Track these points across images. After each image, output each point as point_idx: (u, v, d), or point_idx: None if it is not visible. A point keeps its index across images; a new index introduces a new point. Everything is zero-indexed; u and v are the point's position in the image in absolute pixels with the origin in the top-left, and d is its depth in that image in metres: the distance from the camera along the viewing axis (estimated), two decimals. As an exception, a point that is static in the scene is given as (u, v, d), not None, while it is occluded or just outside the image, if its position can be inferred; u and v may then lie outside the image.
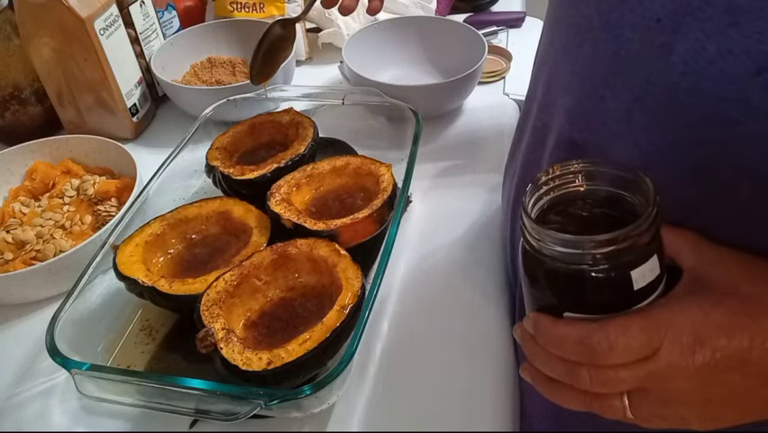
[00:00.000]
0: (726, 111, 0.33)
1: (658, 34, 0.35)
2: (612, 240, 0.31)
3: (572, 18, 0.42)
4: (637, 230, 0.31)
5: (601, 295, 0.34)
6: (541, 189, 0.35)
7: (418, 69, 0.89)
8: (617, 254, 0.31)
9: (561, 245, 0.32)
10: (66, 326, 0.50)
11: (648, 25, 0.35)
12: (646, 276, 0.33)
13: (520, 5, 1.09)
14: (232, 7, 0.95)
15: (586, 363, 0.34)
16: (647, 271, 0.33)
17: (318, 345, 0.46)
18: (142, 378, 0.48)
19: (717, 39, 0.32)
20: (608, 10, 0.38)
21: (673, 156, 0.36)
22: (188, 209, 0.62)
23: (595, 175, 0.35)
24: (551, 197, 0.35)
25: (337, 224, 0.56)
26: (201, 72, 0.90)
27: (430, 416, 0.51)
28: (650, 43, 0.35)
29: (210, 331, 0.47)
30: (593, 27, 0.39)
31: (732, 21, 0.31)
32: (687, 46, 0.33)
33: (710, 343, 0.32)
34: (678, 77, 0.34)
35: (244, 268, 0.53)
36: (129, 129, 0.83)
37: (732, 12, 0.31)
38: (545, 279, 0.35)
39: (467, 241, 0.65)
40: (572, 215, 0.35)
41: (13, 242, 0.64)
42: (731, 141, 0.33)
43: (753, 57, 0.31)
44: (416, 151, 0.63)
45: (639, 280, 0.33)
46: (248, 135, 0.72)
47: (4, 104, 0.81)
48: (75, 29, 0.73)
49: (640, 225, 0.31)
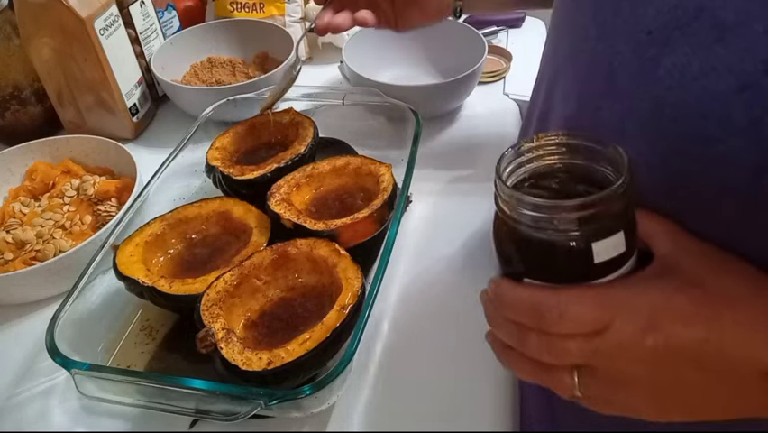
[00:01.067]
0: (708, 128, 0.33)
1: (648, 47, 0.35)
2: (577, 206, 0.31)
3: (572, 27, 0.43)
4: (604, 200, 0.31)
5: (560, 263, 0.33)
6: (520, 157, 0.35)
7: (418, 69, 0.89)
8: (580, 222, 0.31)
9: (528, 209, 0.32)
10: (66, 326, 0.50)
11: (639, 38, 0.35)
12: (609, 250, 0.32)
13: (520, 5, 1.09)
14: (232, 7, 0.95)
15: (535, 329, 0.33)
16: (611, 246, 0.32)
17: (318, 345, 0.46)
18: (142, 378, 0.48)
19: (703, 54, 0.32)
20: (603, 21, 0.38)
21: (661, 169, 0.36)
22: (188, 209, 0.62)
23: (573, 148, 0.35)
24: (528, 167, 0.35)
25: (337, 224, 0.56)
26: (201, 72, 0.90)
27: (430, 416, 0.51)
28: (640, 56, 0.36)
29: (210, 331, 0.47)
30: (590, 38, 0.39)
31: (717, 37, 0.31)
32: (674, 60, 0.33)
33: (665, 328, 0.31)
34: (664, 91, 0.34)
35: (244, 268, 0.53)
36: (129, 129, 0.83)
37: (718, 28, 0.31)
38: (510, 243, 0.35)
39: (467, 240, 0.65)
40: (547, 187, 0.35)
41: (13, 242, 0.64)
42: (713, 158, 0.33)
43: (736, 74, 0.31)
44: (416, 151, 0.63)
45: (601, 254, 0.32)
46: (248, 135, 0.72)
47: (4, 104, 0.81)
48: (75, 29, 0.73)
49: (607, 195, 0.31)
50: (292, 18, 0.95)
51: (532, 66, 0.57)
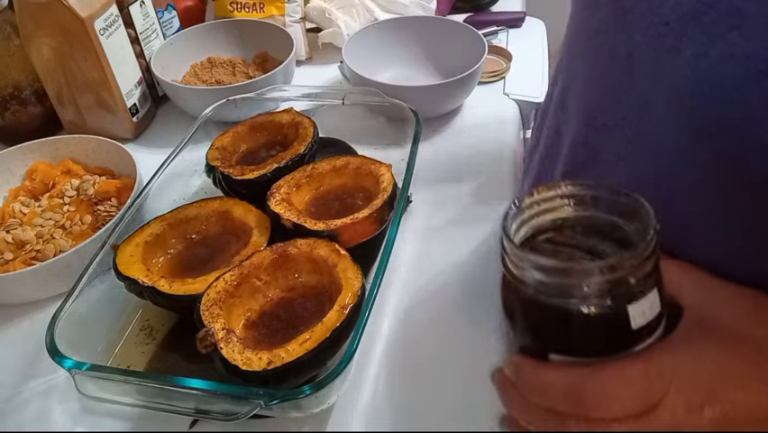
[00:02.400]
0: (727, 118, 0.32)
1: (666, 38, 0.34)
2: (607, 268, 0.27)
3: (589, 22, 0.42)
4: (636, 258, 0.27)
5: (593, 334, 0.29)
6: (524, 213, 0.31)
7: (418, 69, 0.89)
8: (611, 287, 0.28)
9: (547, 274, 0.28)
10: (66, 326, 0.50)
11: (657, 29, 0.35)
12: (646, 313, 0.29)
13: (520, 5, 1.09)
14: (232, 7, 0.95)
15: (575, 415, 0.30)
16: (647, 308, 0.29)
17: (318, 345, 0.46)
18: (142, 378, 0.48)
19: (720, 43, 0.31)
20: (622, 13, 0.38)
21: (683, 162, 0.35)
22: (188, 209, 0.62)
23: (586, 200, 0.31)
24: (535, 222, 0.31)
25: (337, 224, 0.56)
26: (201, 72, 0.90)
27: (430, 416, 0.51)
28: (658, 47, 0.35)
29: (210, 331, 0.47)
30: (608, 31, 0.39)
31: (734, 24, 0.31)
32: (692, 50, 0.33)
33: (724, 397, 0.28)
34: (683, 80, 0.34)
35: (244, 268, 0.53)
36: (129, 129, 0.83)
37: (734, 15, 0.31)
38: (528, 315, 0.31)
39: (468, 240, 0.65)
40: (560, 243, 0.31)
41: (13, 242, 0.64)
42: (731, 149, 0.32)
43: (754, 61, 0.30)
44: (416, 151, 0.63)
45: (638, 318, 0.29)
46: (248, 135, 0.72)
47: (4, 104, 0.81)
48: (75, 29, 0.73)
49: (639, 252, 0.27)
50: (292, 18, 0.95)
51: (532, 66, 0.57)
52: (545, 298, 0.29)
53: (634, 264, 0.27)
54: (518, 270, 0.29)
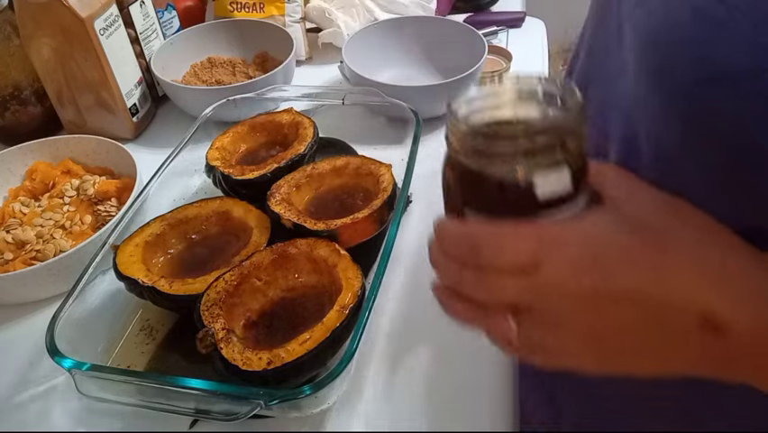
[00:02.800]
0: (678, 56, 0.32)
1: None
2: (522, 132, 0.30)
3: None
4: (548, 129, 0.30)
5: (502, 195, 0.32)
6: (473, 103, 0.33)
7: (418, 69, 0.89)
8: (526, 153, 0.30)
9: (472, 137, 0.31)
10: (66, 326, 0.50)
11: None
12: (553, 185, 0.31)
13: (520, 5, 1.09)
14: (232, 7, 0.95)
15: (472, 265, 0.32)
16: (554, 181, 0.31)
17: (318, 345, 0.46)
18: (142, 378, 0.48)
19: None
20: None
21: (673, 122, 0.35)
22: (188, 209, 0.62)
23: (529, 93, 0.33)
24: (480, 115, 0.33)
25: (337, 224, 0.56)
26: (201, 72, 0.90)
27: (430, 416, 0.51)
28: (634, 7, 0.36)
29: (210, 331, 0.47)
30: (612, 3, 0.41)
31: None
32: None
33: (606, 267, 0.30)
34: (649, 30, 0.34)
35: (244, 268, 0.53)
36: (129, 129, 0.83)
37: None
38: (454, 176, 0.33)
39: (467, 241, 0.65)
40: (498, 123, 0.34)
41: (13, 242, 0.64)
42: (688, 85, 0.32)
43: None
44: (416, 151, 0.63)
45: (543, 187, 0.31)
46: (248, 135, 0.72)
47: (4, 104, 0.81)
48: (75, 29, 0.73)
49: (552, 124, 0.30)
50: (292, 18, 0.95)
51: (532, 66, 0.57)
52: (466, 159, 0.32)
53: (545, 134, 0.30)
54: (452, 135, 0.32)
